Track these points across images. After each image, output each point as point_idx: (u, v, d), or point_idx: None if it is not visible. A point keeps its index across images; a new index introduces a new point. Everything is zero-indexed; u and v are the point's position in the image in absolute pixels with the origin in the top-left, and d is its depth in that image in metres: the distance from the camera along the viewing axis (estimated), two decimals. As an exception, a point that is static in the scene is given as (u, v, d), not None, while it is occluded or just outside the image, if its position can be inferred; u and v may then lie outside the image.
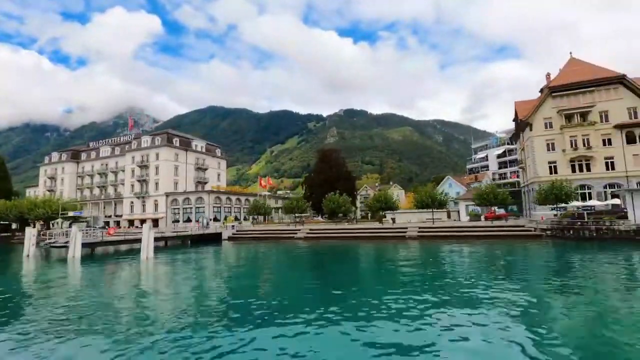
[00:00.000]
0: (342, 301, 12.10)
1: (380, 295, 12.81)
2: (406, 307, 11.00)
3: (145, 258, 24.87)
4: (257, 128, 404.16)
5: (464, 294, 12.90)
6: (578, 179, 44.14)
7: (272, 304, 12.04)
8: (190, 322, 10.01)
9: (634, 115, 43.01)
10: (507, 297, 12.01)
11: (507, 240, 32.90)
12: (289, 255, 29.23)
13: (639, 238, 28.14)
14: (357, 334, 8.71)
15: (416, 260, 23.99)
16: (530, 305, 11.09)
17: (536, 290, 13.52)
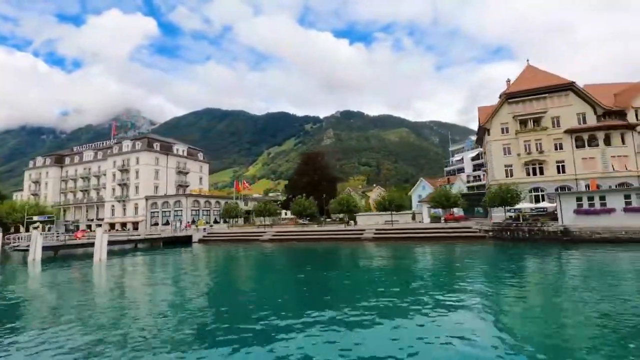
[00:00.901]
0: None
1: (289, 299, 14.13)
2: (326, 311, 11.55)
3: (98, 260, 27.25)
4: (254, 130, 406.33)
5: (393, 295, 13.72)
6: (532, 181, 46.52)
7: (199, 306, 12.85)
8: (89, 329, 10.20)
9: (583, 121, 45.37)
10: (438, 295, 13.19)
11: (455, 241, 35.21)
12: (246, 256, 31.64)
13: (566, 238, 30.44)
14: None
15: (352, 261, 26.43)
16: (456, 303, 12.08)
17: (463, 288, 14.91)
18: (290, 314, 11.05)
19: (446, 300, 12.46)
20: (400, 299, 12.77)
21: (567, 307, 11.33)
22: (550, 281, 16.12)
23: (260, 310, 11.66)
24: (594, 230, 29.88)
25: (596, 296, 12.39)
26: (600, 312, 10.22)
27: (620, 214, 29.52)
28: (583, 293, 13.15)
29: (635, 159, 43.34)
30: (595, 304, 11.29)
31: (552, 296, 13.20)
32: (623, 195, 29.83)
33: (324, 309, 11.42)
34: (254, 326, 9.92)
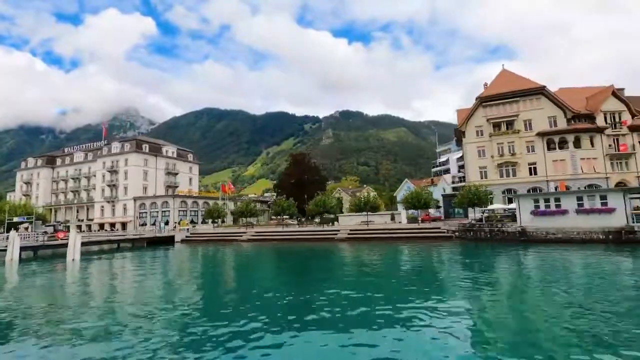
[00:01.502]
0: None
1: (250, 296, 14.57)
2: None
3: (71, 260, 28.84)
4: (253, 129, 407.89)
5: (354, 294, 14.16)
6: (505, 183, 48.09)
7: (163, 305, 13.14)
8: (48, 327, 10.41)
9: (554, 124, 46.87)
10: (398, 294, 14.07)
11: (423, 241, 36.61)
12: (221, 255, 33.12)
13: (523, 239, 31.95)
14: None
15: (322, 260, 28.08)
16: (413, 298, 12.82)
17: (409, 287, 15.71)
18: (244, 314, 11.29)
19: (398, 299, 12.99)
20: (353, 299, 13.13)
21: (517, 306, 11.82)
22: (499, 279, 17.12)
23: (217, 310, 12.30)
24: (549, 231, 31.40)
25: (546, 294, 13.16)
26: (552, 309, 10.89)
27: (573, 215, 30.98)
28: (530, 291, 14.11)
29: (604, 161, 44.83)
30: (545, 301, 12.01)
31: (502, 294, 13.91)
32: (576, 198, 31.29)
33: (275, 308, 12.14)
34: (213, 325, 10.15)
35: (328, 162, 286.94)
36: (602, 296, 12.19)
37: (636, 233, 27.94)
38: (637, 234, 27.91)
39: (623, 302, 11.24)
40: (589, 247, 26.51)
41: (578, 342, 7.99)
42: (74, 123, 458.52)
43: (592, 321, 9.42)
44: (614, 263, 20.13)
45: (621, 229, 28.47)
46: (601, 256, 22.26)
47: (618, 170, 44.54)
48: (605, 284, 14.71)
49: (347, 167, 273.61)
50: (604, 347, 7.62)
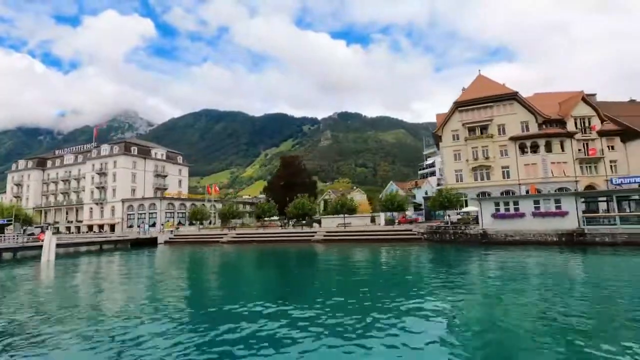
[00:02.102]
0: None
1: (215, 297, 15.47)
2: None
3: (46, 261, 30.37)
4: (252, 131, 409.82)
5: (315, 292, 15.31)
6: (479, 186, 49.57)
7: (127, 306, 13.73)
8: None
9: (526, 129, 48.37)
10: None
11: (394, 242, 38.06)
12: (198, 257, 34.53)
13: (484, 241, 33.41)
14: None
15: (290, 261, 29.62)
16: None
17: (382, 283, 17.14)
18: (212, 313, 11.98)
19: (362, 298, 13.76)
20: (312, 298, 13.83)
21: (471, 306, 12.34)
22: (453, 280, 17.71)
23: (183, 308, 12.97)
24: (507, 233, 32.87)
25: (499, 293, 13.99)
26: (504, 307, 11.78)
27: (529, 218, 32.43)
28: (485, 291, 14.77)
29: (573, 165, 46.32)
30: (499, 300, 12.85)
31: (452, 295, 14.23)
32: (533, 201, 32.76)
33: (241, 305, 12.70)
34: (181, 324, 10.76)
35: (326, 163, 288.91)
36: (557, 294, 13.27)
37: (586, 235, 29.41)
38: (586, 236, 29.38)
39: (577, 299, 12.52)
40: (543, 249, 27.95)
41: (539, 334, 8.91)
42: (72, 124, 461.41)
43: (548, 315, 10.49)
44: (567, 264, 21.43)
45: (573, 232, 29.93)
46: (556, 257, 23.56)
47: (587, 174, 45.98)
48: (561, 283, 15.70)
49: (345, 169, 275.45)
50: (561, 335, 8.71)
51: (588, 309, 11.08)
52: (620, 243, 27.75)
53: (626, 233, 28.06)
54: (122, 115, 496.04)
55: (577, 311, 10.71)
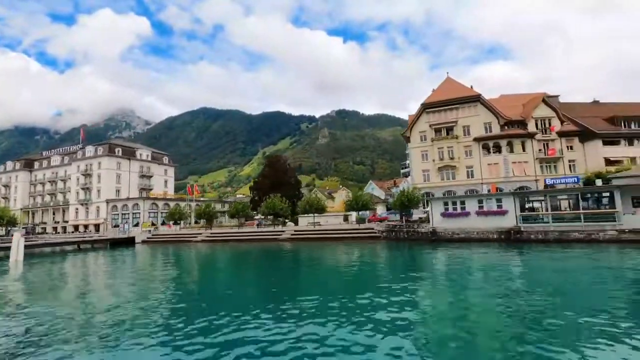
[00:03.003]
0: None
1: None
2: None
3: (14, 261, 32.55)
4: (249, 129, 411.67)
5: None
6: (445, 185, 51.78)
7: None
8: None
9: (489, 130, 50.48)
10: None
11: (357, 240, 40.34)
12: (169, 255, 36.75)
13: (434, 238, 35.67)
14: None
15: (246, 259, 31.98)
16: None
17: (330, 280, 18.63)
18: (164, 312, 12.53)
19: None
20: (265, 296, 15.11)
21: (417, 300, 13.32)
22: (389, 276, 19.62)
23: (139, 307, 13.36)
24: (454, 231, 35.13)
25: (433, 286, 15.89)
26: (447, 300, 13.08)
27: (474, 216, 34.65)
28: (426, 285, 16.46)
29: (534, 164, 48.46)
30: (435, 293, 14.42)
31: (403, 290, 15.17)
32: (477, 201, 34.98)
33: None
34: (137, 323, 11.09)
35: (324, 161, 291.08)
36: (494, 285, 15.15)
37: (522, 233, 31.68)
38: (522, 234, 31.65)
39: (514, 290, 14.01)
40: (485, 246, 30.16)
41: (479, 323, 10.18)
42: (69, 124, 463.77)
43: (488, 304, 12.00)
44: (506, 259, 23.35)
45: (511, 229, 32.21)
46: (497, 253, 25.73)
47: (547, 173, 48.03)
48: (500, 277, 17.22)
49: (342, 167, 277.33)
50: (499, 317, 10.37)
51: (521, 299, 12.43)
52: (552, 240, 30.00)
53: (557, 231, 30.33)
54: (119, 114, 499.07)
55: (512, 301, 12.21)
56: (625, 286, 14.26)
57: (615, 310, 10.48)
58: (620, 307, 10.90)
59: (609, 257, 22.48)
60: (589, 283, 15.22)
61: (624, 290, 13.54)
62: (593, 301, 11.82)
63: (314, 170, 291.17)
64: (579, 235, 29.23)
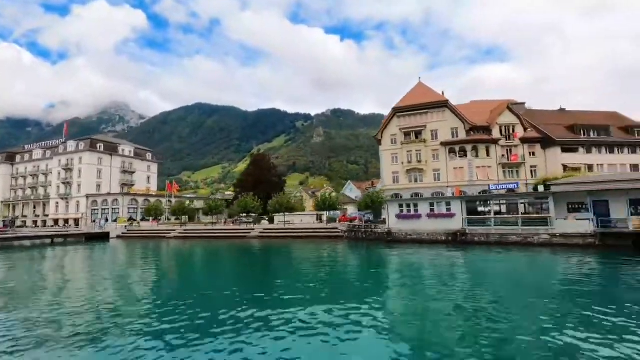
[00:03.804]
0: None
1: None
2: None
3: None
4: (245, 126, 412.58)
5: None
6: (413, 187, 53.73)
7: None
8: None
9: (456, 135, 52.44)
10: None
11: (321, 239, 42.25)
12: (138, 250, 38.62)
13: (389, 239, 37.56)
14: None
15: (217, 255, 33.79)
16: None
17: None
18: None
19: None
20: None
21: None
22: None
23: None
24: (407, 232, 37.06)
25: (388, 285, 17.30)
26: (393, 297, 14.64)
27: (425, 219, 36.54)
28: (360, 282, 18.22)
29: (497, 169, 50.48)
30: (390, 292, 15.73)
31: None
32: (429, 204, 36.88)
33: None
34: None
35: (318, 160, 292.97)
36: (440, 282, 16.94)
37: (467, 235, 33.65)
38: (467, 236, 33.62)
39: (459, 287, 15.74)
40: (435, 247, 32.15)
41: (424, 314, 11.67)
42: (61, 116, 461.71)
43: (434, 297, 13.68)
44: (453, 259, 25.01)
45: (457, 232, 34.15)
46: (445, 254, 27.43)
47: (509, 178, 50.05)
48: (445, 276, 18.92)
49: (337, 166, 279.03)
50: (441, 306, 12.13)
51: (462, 294, 14.13)
52: (493, 242, 31.98)
53: (498, 234, 32.31)
54: (113, 108, 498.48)
55: (453, 296, 13.93)
56: (542, 286, 16.01)
57: (540, 304, 12.33)
58: (543, 302, 12.66)
59: (537, 259, 24.12)
60: (512, 283, 17.26)
61: (542, 290, 15.08)
62: (515, 298, 13.58)
63: (308, 169, 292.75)
64: (516, 238, 31.26)
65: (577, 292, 14.12)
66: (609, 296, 13.60)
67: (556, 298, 13.25)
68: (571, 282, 16.32)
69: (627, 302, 12.01)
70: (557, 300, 12.84)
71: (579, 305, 11.94)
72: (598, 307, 11.39)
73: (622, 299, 12.85)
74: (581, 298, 13.05)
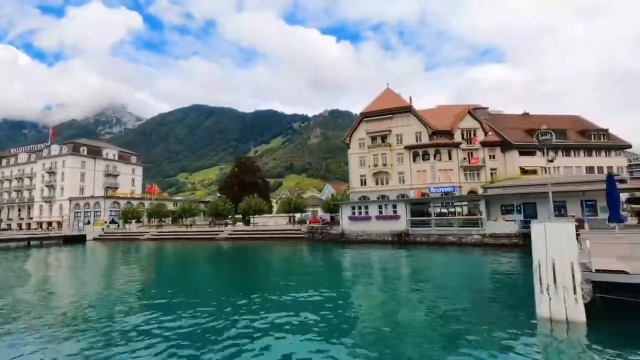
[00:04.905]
0: None
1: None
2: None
3: None
4: (242, 127, 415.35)
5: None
6: (379, 190, 56.08)
7: None
8: None
9: (419, 139, 54.75)
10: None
11: (285, 240, 44.56)
12: (110, 252, 40.97)
13: (343, 240, 39.89)
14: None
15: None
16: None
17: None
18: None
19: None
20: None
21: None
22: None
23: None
24: (358, 233, 39.39)
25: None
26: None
27: (374, 220, 38.88)
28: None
29: (458, 171, 52.75)
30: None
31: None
32: (377, 206, 39.24)
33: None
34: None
35: (315, 161, 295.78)
36: (383, 277, 19.32)
37: (410, 236, 35.97)
38: (410, 236, 35.94)
39: (405, 283, 17.89)
40: (382, 247, 34.49)
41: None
42: (58, 118, 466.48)
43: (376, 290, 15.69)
44: (397, 258, 27.22)
45: (402, 232, 36.47)
46: (387, 253, 29.54)
47: (470, 180, 52.34)
48: (390, 272, 21.09)
49: (333, 166, 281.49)
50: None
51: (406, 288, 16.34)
52: (433, 242, 34.30)
53: (437, 234, 34.63)
54: (110, 109, 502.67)
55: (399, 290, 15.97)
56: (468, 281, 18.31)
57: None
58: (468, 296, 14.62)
59: (461, 258, 26.18)
60: (420, 279, 19.42)
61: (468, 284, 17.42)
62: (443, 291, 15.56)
63: (305, 170, 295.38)
64: (453, 238, 33.57)
65: (465, 286, 16.59)
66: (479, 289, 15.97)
67: (442, 290, 15.65)
68: (465, 277, 19.06)
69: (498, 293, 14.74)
70: (441, 292, 15.15)
71: (451, 297, 14.17)
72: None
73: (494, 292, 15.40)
74: (464, 291, 15.35)
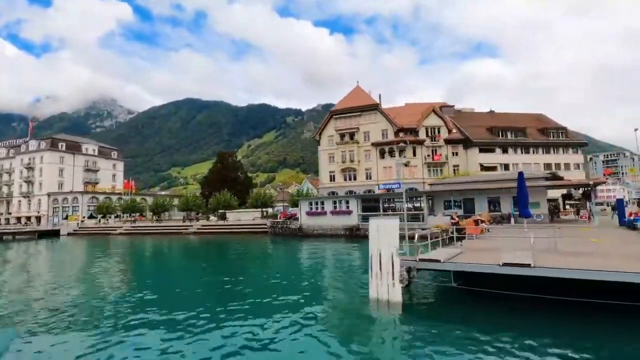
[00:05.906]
0: None
1: None
2: None
3: None
4: (235, 121, 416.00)
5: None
6: (347, 185, 58.20)
7: None
8: None
9: (386, 136, 56.77)
10: None
11: (248, 235, 46.82)
12: (81, 246, 42.86)
13: (300, 234, 42.04)
14: None
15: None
16: None
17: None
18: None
19: None
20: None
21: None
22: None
23: None
24: (315, 228, 41.56)
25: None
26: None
27: (329, 215, 41.01)
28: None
29: (422, 168, 54.90)
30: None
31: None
32: (332, 202, 41.34)
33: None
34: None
35: (308, 155, 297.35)
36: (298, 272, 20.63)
37: (360, 230, 38.10)
38: (361, 230, 38.04)
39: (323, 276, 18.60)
40: (335, 241, 36.65)
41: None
42: (48, 111, 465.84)
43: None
44: (350, 250, 29.66)
45: (353, 227, 38.65)
46: (343, 246, 31.93)
47: (433, 176, 54.42)
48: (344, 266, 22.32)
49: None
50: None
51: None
52: (380, 237, 36.42)
53: (384, 229, 36.73)
54: (101, 103, 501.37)
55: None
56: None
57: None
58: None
59: None
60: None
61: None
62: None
63: (298, 164, 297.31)
64: (398, 233, 35.69)
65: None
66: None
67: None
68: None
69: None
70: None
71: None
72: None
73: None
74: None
